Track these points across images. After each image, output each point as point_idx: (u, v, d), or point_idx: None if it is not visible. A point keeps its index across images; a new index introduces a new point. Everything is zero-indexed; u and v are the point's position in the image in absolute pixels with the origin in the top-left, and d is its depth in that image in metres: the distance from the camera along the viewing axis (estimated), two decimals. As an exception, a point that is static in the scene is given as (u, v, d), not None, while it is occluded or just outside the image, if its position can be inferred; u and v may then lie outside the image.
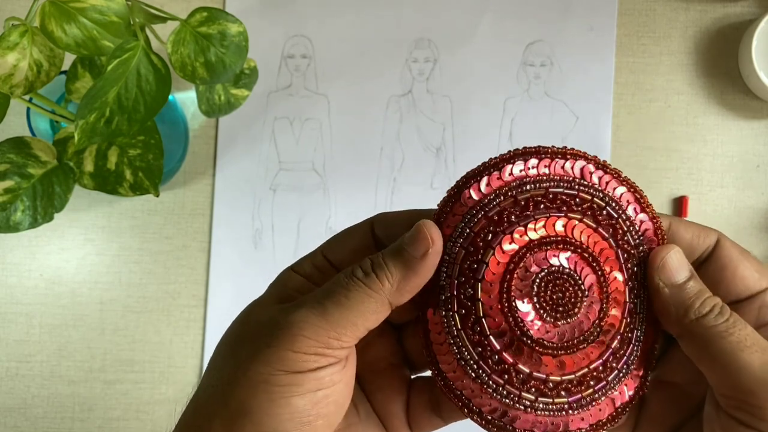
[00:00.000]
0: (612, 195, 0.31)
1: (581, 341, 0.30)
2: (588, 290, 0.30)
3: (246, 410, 0.28)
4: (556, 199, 0.31)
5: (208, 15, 0.51)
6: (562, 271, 0.30)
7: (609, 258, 0.31)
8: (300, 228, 0.70)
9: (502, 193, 0.31)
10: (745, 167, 0.70)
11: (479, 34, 0.71)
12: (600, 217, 0.31)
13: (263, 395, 0.28)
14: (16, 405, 0.69)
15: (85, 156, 0.53)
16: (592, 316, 0.30)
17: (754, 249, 0.70)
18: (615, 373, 0.31)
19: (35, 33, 0.47)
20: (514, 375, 0.30)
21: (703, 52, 0.71)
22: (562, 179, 0.31)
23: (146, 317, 0.69)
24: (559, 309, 0.30)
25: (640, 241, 0.31)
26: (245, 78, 0.63)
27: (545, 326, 0.30)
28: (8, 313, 0.69)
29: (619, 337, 0.31)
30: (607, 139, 0.70)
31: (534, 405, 0.30)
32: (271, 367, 0.28)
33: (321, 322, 0.29)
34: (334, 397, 0.29)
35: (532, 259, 0.30)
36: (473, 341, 0.30)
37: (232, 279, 0.69)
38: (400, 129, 0.71)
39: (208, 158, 0.70)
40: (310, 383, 0.28)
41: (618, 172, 0.32)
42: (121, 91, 0.47)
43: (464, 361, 0.30)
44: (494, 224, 0.30)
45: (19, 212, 0.50)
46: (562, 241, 0.30)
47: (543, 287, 0.30)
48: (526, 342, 0.30)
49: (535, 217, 0.30)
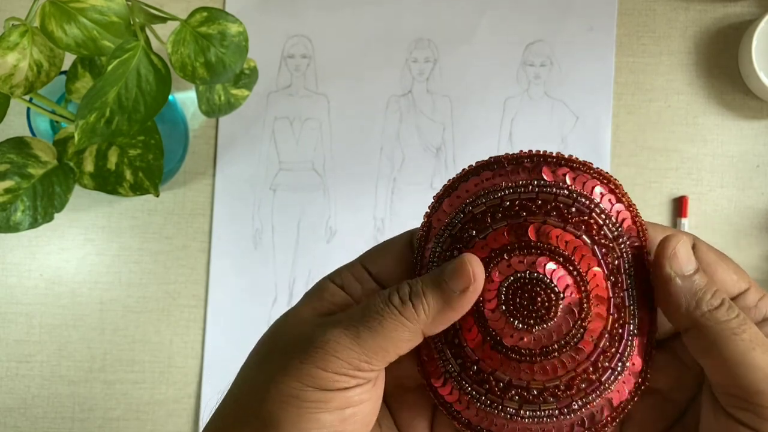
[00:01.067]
0: (580, 190, 0.31)
1: (563, 345, 0.30)
2: (563, 292, 0.30)
3: (275, 422, 0.28)
4: (513, 206, 0.31)
5: (208, 15, 0.51)
6: (530, 276, 0.30)
7: (585, 255, 0.30)
8: (300, 228, 0.70)
9: (461, 211, 0.31)
10: (745, 167, 0.70)
11: (479, 34, 0.71)
12: (568, 215, 0.30)
13: (293, 409, 0.28)
14: (16, 405, 0.69)
15: (85, 156, 0.53)
16: (572, 318, 0.30)
17: (754, 249, 0.70)
18: (609, 373, 0.30)
19: (35, 33, 0.47)
20: (494, 383, 0.30)
21: (703, 52, 0.71)
22: (517, 185, 0.31)
23: (146, 317, 0.69)
24: (532, 315, 0.30)
25: (619, 232, 0.31)
26: (245, 78, 0.63)
27: (519, 333, 0.30)
28: (8, 313, 0.69)
29: (608, 335, 0.30)
30: (607, 139, 0.70)
31: (519, 413, 0.30)
32: (302, 382, 0.28)
33: (353, 345, 0.29)
34: (361, 416, 0.30)
35: (496, 269, 0.30)
36: (454, 354, 0.31)
37: (232, 279, 0.69)
38: (400, 129, 0.71)
39: (208, 158, 0.70)
40: (338, 401, 0.29)
41: (587, 165, 0.31)
42: (121, 91, 0.47)
43: (449, 373, 0.31)
44: (457, 241, 0.31)
45: (19, 212, 0.50)
46: (525, 246, 0.30)
47: (511, 295, 0.30)
48: (501, 350, 0.30)
49: (493, 227, 0.30)
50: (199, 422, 0.69)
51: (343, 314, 0.30)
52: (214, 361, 0.68)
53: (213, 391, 0.69)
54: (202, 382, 0.69)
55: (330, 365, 0.28)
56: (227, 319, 0.69)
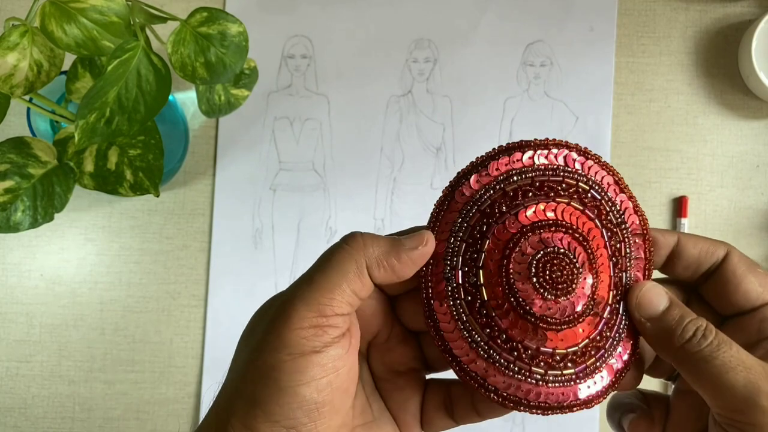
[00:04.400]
0: (595, 179, 0.34)
1: (580, 314, 0.32)
2: (581, 267, 0.32)
3: (257, 400, 0.29)
4: (543, 187, 0.33)
5: (208, 15, 0.51)
6: (557, 251, 0.32)
7: (596, 237, 0.33)
8: (300, 228, 0.70)
9: (491, 187, 0.33)
10: (745, 167, 0.70)
11: (479, 34, 0.71)
12: (585, 200, 0.33)
13: (272, 384, 0.29)
14: (16, 405, 0.69)
15: (86, 156, 0.53)
16: (588, 291, 0.32)
17: (754, 249, 0.70)
18: (610, 341, 0.33)
19: (35, 33, 0.47)
20: (522, 351, 0.32)
21: (703, 52, 0.71)
22: (547, 168, 0.33)
23: (146, 317, 0.69)
24: (558, 287, 0.32)
25: (621, 219, 0.34)
26: (245, 78, 0.63)
27: (547, 303, 0.32)
28: (8, 313, 0.69)
29: (609, 307, 0.33)
30: (607, 139, 0.70)
31: (544, 378, 0.32)
32: (277, 353, 0.29)
33: (309, 291, 0.30)
34: (337, 384, 0.30)
35: (527, 243, 0.32)
36: (481, 324, 0.32)
37: (232, 279, 0.69)
38: (400, 129, 0.71)
39: (208, 158, 0.70)
40: (313, 369, 0.29)
41: (598, 157, 0.34)
42: (121, 92, 0.47)
43: (475, 343, 0.32)
44: (487, 216, 0.33)
45: (20, 212, 0.50)
46: (553, 224, 0.32)
47: (541, 267, 0.32)
48: (530, 320, 0.32)
49: (525, 204, 0.33)
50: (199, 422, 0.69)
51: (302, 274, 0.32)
52: (214, 361, 0.68)
53: (213, 391, 0.69)
54: (202, 382, 0.69)
55: (294, 320, 0.29)
56: (227, 319, 0.69)
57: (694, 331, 0.31)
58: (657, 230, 0.35)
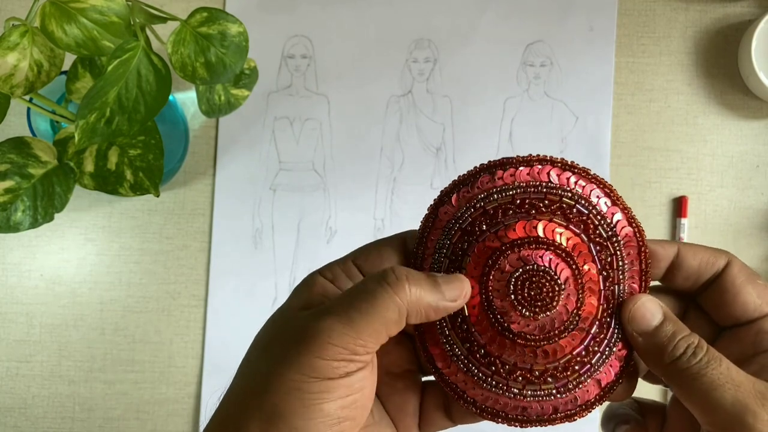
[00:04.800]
0: (581, 193, 0.34)
1: (562, 330, 0.32)
2: (564, 283, 0.32)
3: (280, 413, 0.29)
4: (523, 204, 0.33)
5: (208, 15, 0.51)
6: (537, 268, 0.32)
7: (582, 252, 0.33)
8: (300, 228, 0.70)
9: (472, 206, 0.34)
10: (744, 167, 0.70)
11: (479, 34, 0.71)
12: (570, 215, 0.33)
13: (297, 401, 0.29)
14: (16, 405, 0.69)
15: (86, 156, 0.53)
16: (570, 307, 0.32)
17: (754, 249, 0.70)
18: (598, 356, 0.33)
19: (35, 33, 0.47)
20: (500, 366, 0.33)
21: (702, 52, 0.71)
22: (528, 185, 0.33)
23: (146, 317, 0.69)
24: (537, 303, 0.32)
25: (613, 232, 0.34)
26: (245, 78, 0.63)
27: (525, 321, 0.32)
28: (8, 313, 0.69)
29: (598, 322, 0.33)
30: (607, 139, 0.70)
31: (522, 392, 0.33)
32: (303, 374, 0.29)
33: (347, 330, 0.30)
34: (361, 401, 0.31)
35: (506, 261, 0.33)
36: (461, 338, 0.33)
37: (232, 279, 0.69)
38: (400, 129, 0.71)
39: (208, 158, 0.70)
40: (340, 390, 0.30)
41: (586, 171, 0.34)
42: (121, 92, 0.47)
43: (456, 356, 0.34)
44: (468, 234, 0.34)
45: (20, 212, 0.50)
46: (534, 241, 0.33)
47: (519, 285, 0.32)
48: (508, 336, 0.33)
49: (505, 223, 0.33)
50: (199, 422, 0.69)
51: (333, 300, 0.31)
52: (214, 361, 0.68)
53: (213, 391, 0.69)
54: (202, 382, 0.69)
55: (327, 353, 0.29)
56: (227, 319, 0.69)
57: (685, 348, 0.31)
58: (655, 241, 0.34)
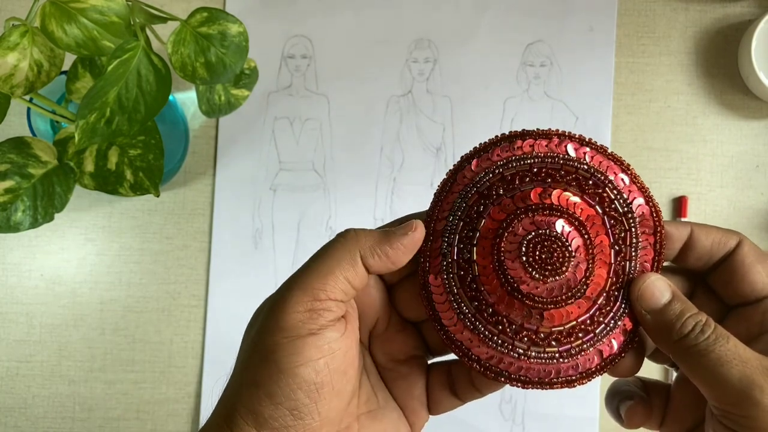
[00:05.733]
0: (597, 167, 0.34)
1: (569, 296, 0.33)
2: (575, 251, 0.33)
3: (258, 384, 0.31)
4: (540, 173, 0.34)
5: (209, 15, 0.51)
6: (549, 233, 0.33)
7: (595, 223, 0.34)
8: (300, 228, 0.70)
9: (491, 171, 0.35)
10: (744, 167, 0.70)
11: (479, 34, 0.71)
12: (586, 187, 0.34)
13: (272, 366, 0.31)
14: (16, 405, 0.69)
15: (86, 156, 0.53)
16: (579, 275, 0.33)
17: (754, 249, 0.70)
18: (602, 327, 0.34)
19: (36, 33, 0.47)
20: (507, 325, 0.34)
21: (702, 52, 0.71)
22: (546, 155, 0.35)
23: (146, 317, 0.69)
24: (547, 267, 0.33)
25: (629, 208, 0.34)
26: (245, 78, 0.63)
27: (535, 283, 0.33)
28: (8, 313, 0.69)
29: (605, 294, 0.34)
30: (607, 139, 0.70)
31: (527, 353, 0.34)
32: (274, 335, 0.31)
33: (304, 277, 0.32)
34: (334, 365, 0.32)
35: (520, 224, 0.33)
36: (470, 297, 0.34)
37: (232, 279, 0.69)
38: (400, 129, 0.71)
39: (208, 158, 0.70)
40: (310, 350, 0.31)
41: (604, 148, 0.35)
42: (121, 92, 0.47)
43: (463, 314, 0.34)
44: (484, 197, 0.35)
45: (20, 212, 0.50)
46: (547, 208, 0.34)
47: (531, 248, 0.33)
48: (517, 297, 0.33)
49: (521, 188, 0.34)
50: (200, 422, 0.69)
51: None
52: (214, 361, 0.68)
53: (215, 390, 0.69)
54: (202, 382, 0.69)
55: (290, 305, 0.31)
56: (227, 319, 0.69)
57: (693, 326, 0.32)
58: (670, 222, 0.35)
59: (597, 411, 0.68)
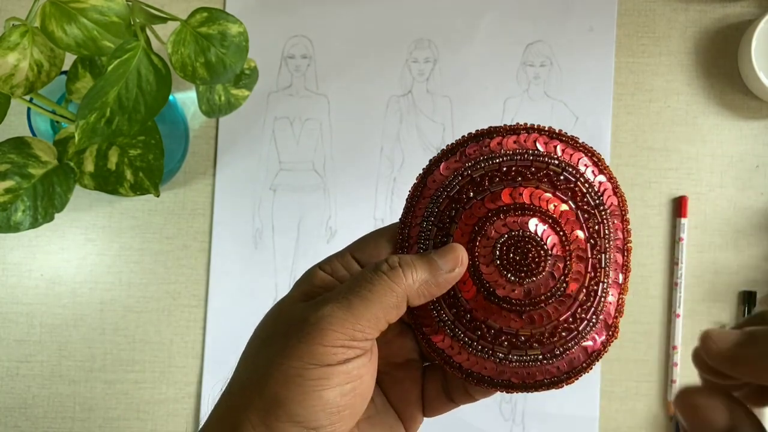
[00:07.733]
0: (568, 161, 0.34)
1: (549, 297, 0.33)
2: (551, 249, 0.33)
3: (280, 401, 0.30)
4: (510, 172, 0.34)
5: (209, 15, 0.51)
6: (522, 234, 0.33)
7: (569, 219, 0.33)
8: (300, 228, 0.70)
9: (460, 174, 0.34)
10: (744, 167, 0.70)
11: (479, 34, 0.71)
12: (557, 182, 0.34)
13: (297, 388, 0.30)
14: (16, 405, 0.69)
15: (86, 156, 0.53)
16: (557, 273, 0.33)
17: (754, 249, 0.70)
18: (585, 323, 0.34)
19: (36, 33, 0.47)
20: (486, 330, 0.33)
21: (702, 52, 0.71)
22: (515, 153, 0.34)
23: (146, 317, 0.69)
24: (523, 269, 0.33)
25: (600, 201, 0.34)
26: (245, 78, 0.63)
27: (511, 286, 0.33)
28: (9, 313, 0.69)
29: (585, 290, 0.34)
30: (607, 139, 0.70)
31: (508, 357, 0.33)
32: (303, 361, 0.30)
33: (347, 316, 0.31)
34: (360, 390, 0.31)
35: (492, 228, 0.33)
36: (449, 304, 0.34)
37: (232, 279, 0.69)
38: (400, 129, 0.71)
39: (208, 158, 0.70)
40: (339, 377, 0.30)
41: (575, 139, 0.35)
42: (121, 92, 0.47)
43: (442, 322, 0.34)
44: (455, 202, 0.34)
45: (20, 212, 0.50)
46: (519, 208, 0.33)
47: (505, 251, 0.33)
48: (494, 301, 0.33)
49: (491, 190, 0.34)
50: (199, 422, 0.69)
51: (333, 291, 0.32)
52: (214, 361, 0.69)
53: (213, 389, 0.69)
54: (202, 382, 0.69)
55: (327, 339, 0.30)
56: (227, 319, 0.69)
57: None
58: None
59: (597, 411, 0.68)
